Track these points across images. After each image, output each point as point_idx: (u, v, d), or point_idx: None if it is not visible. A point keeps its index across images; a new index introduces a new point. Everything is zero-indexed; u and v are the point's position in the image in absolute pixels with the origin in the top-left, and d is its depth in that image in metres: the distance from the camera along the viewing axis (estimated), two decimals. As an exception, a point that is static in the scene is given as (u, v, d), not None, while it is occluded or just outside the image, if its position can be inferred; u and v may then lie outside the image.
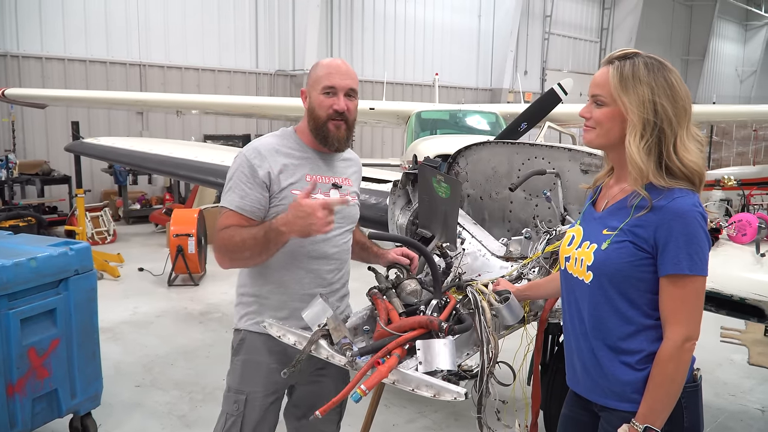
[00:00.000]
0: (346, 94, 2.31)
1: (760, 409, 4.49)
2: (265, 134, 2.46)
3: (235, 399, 2.37)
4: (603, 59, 1.85)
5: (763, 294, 2.41)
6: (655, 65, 1.74)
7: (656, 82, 1.72)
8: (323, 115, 2.29)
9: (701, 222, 1.69)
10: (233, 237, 2.18)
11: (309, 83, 2.36)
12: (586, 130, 1.86)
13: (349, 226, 2.46)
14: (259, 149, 2.30)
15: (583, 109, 1.84)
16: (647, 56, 1.77)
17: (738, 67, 34.95)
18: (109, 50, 12.46)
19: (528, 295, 2.40)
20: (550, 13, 22.26)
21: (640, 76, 1.72)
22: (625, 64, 1.75)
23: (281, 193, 2.26)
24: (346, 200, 2.21)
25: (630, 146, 1.72)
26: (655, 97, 1.71)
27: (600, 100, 1.79)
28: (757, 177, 10.58)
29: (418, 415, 4.24)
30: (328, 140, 2.32)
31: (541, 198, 3.10)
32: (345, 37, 16.57)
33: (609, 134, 1.79)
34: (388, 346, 1.99)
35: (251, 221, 2.24)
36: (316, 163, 2.36)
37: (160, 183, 12.87)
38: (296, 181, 2.28)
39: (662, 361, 1.72)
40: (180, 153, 4.72)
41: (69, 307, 3.58)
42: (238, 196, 2.24)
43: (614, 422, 1.82)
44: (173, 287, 7.48)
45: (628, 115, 1.73)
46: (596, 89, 1.81)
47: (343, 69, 2.32)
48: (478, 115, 8.92)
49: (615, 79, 1.75)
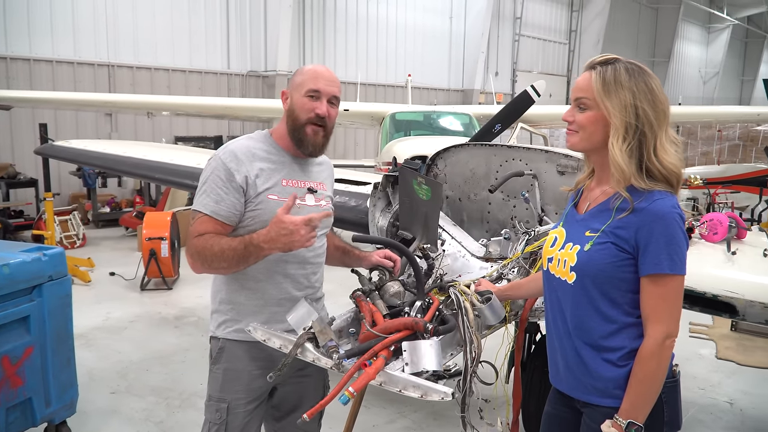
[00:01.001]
0: (329, 101, 2.31)
1: (729, 401, 4.62)
2: (240, 137, 2.43)
3: (217, 408, 2.35)
4: (585, 64, 1.89)
5: (734, 291, 2.48)
6: (635, 71, 1.79)
7: (637, 87, 1.77)
8: (303, 118, 2.28)
9: (680, 223, 1.75)
10: (211, 246, 2.14)
11: (292, 86, 2.35)
12: (570, 133, 1.89)
13: (324, 229, 2.47)
14: (236, 153, 2.27)
15: (567, 113, 1.88)
16: (628, 62, 1.81)
17: (701, 68, 35.78)
18: (77, 50, 12.22)
19: (509, 295, 2.43)
20: (520, 15, 22.53)
21: (622, 81, 1.77)
22: (607, 70, 1.79)
23: (257, 198, 2.24)
24: (329, 214, 2.21)
25: (613, 149, 1.76)
26: (637, 102, 1.76)
27: (583, 104, 1.83)
28: (721, 176, 10.85)
29: (398, 416, 4.26)
30: (303, 143, 2.31)
31: (519, 199, 3.14)
32: (318, 38, 16.52)
33: (592, 138, 1.83)
34: (375, 348, 2.00)
35: (226, 226, 2.21)
36: (291, 167, 2.35)
37: (130, 186, 12.68)
38: (272, 186, 2.27)
39: (644, 358, 1.76)
40: (153, 155, 4.65)
41: (43, 313, 3.51)
42: (213, 201, 2.21)
43: (597, 418, 1.86)
44: (146, 292, 7.38)
45: (611, 119, 1.77)
46: (579, 93, 1.84)
47: (328, 76, 2.32)
48: (452, 116, 8.98)
49: (598, 84, 1.79)
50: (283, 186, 2.29)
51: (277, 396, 2.52)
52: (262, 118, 12.70)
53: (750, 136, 13.57)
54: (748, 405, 4.57)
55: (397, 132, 8.56)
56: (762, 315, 2.43)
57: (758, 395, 4.73)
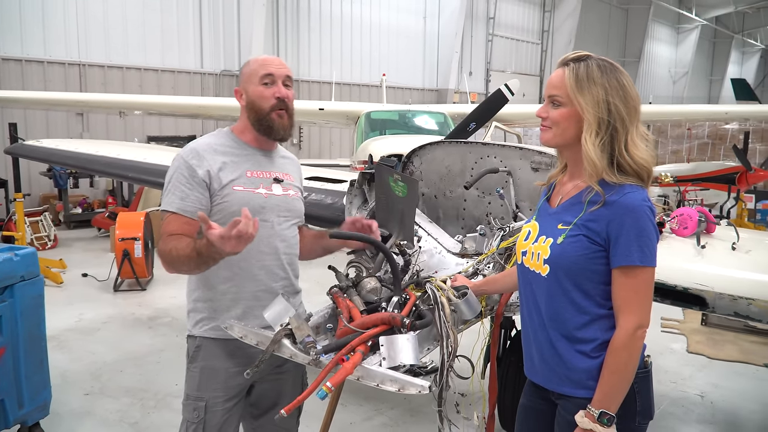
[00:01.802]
0: (284, 83, 2.33)
1: (699, 394, 4.72)
2: (202, 135, 2.46)
3: (195, 406, 2.35)
4: (558, 61, 1.92)
5: (704, 284, 2.54)
6: (607, 67, 1.83)
7: (609, 84, 1.80)
8: (266, 106, 2.30)
9: (650, 216, 1.79)
10: (175, 249, 2.12)
11: (243, 80, 2.37)
12: (543, 129, 1.92)
13: (295, 219, 2.46)
14: (197, 149, 2.30)
15: (540, 110, 1.90)
16: (599, 58, 1.85)
17: (671, 68, 36.39)
18: (47, 49, 12.01)
19: (485, 290, 2.46)
20: (493, 16, 22.67)
21: (594, 78, 1.80)
22: (579, 66, 1.83)
23: (223, 191, 2.26)
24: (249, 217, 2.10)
25: (586, 143, 1.79)
26: (609, 97, 1.79)
27: (557, 101, 1.86)
28: (691, 174, 11.05)
29: (375, 413, 4.28)
30: (273, 130, 2.33)
31: (494, 196, 3.18)
32: (291, 38, 16.45)
33: (565, 133, 1.86)
34: (352, 343, 2.01)
35: (194, 222, 2.20)
36: (255, 159, 2.37)
37: (102, 186, 12.51)
38: (237, 177, 2.28)
39: (616, 348, 1.80)
40: (127, 155, 4.60)
41: (15, 314, 3.47)
42: (179, 198, 2.23)
43: (571, 409, 1.89)
44: (119, 292, 7.30)
45: (584, 115, 1.80)
46: (553, 90, 1.87)
47: (276, 60, 2.37)
48: (427, 115, 9.02)
49: (571, 81, 1.82)
50: (248, 177, 2.31)
51: (254, 394, 2.51)
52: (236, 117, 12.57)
53: (719, 135, 13.85)
54: (718, 398, 4.67)
55: (373, 131, 8.57)
56: (731, 307, 2.49)
57: (728, 388, 4.84)
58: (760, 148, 12.97)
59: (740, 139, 12.03)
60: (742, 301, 2.45)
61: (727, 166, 10.99)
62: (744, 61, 44.37)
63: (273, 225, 2.34)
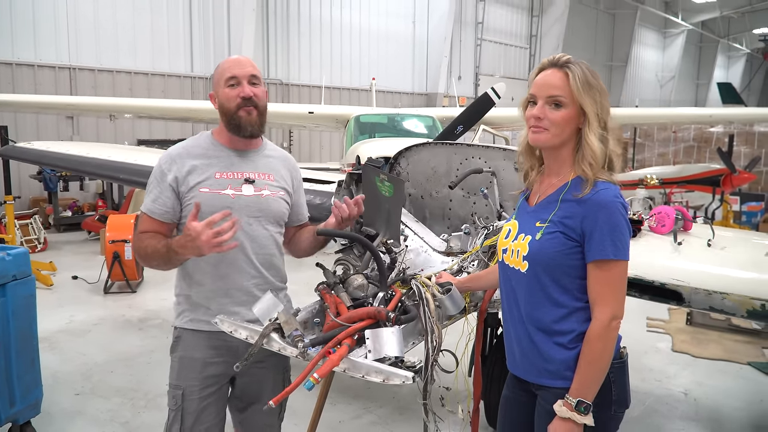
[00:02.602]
0: (250, 82, 2.42)
1: (684, 392, 4.81)
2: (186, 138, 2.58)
3: (174, 394, 2.46)
4: (545, 61, 1.99)
5: (680, 279, 2.63)
6: (592, 71, 1.95)
7: (600, 87, 1.93)
8: (233, 106, 2.40)
9: (622, 211, 1.87)
10: (145, 247, 2.33)
11: (214, 85, 2.49)
12: (538, 131, 1.96)
13: (269, 219, 2.50)
14: (171, 153, 2.44)
15: (537, 110, 1.95)
16: (581, 62, 1.95)
17: (658, 72, 36.70)
18: (37, 53, 12.02)
19: (469, 287, 2.53)
20: (481, 20, 22.84)
21: (590, 81, 1.92)
22: (578, 70, 1.92)
23: (189, 193, 2.37)
24: (227, 213, 2.20)
25: (589, 138, 1.90)
26: (602, 99, 1.93)
27: (559, 101, 1.92)
28: (676, 176, 11.19)
29: (363, 411, 4.34)
30: (241, 127, 2.42)
31: (479, 196, 3.26)
32: (281, 42, 16.51)
33: (563, 134, 1.94)
34: (338, 336, 2.07)
35: (163, 224, 2.38)
36: (229, 160, 2.45)
37: (92, 189, 12.50)
38: (204, 180, 2.38)
39: (591, 339, 1.88)
40: (118, 156, 4.65)
41: (7, 313, 3.51)
42: (151, 200, 2.40)
43: (550, 399, 1.97)
44: (110, 295, 7.32)
45: (586, 113, 1.90)
46: (555, 91, 1.92)
47: (242, 60, 2.46)
48: (416, 118, 9.10)
49: (576, 83, 1.90)
50: (216, 178, 2.40)
51: (237, 387, 2.59)
52: (226, 121, 12.62)
53: (704, 138, 14.02)
54: (701, 395, 4.76)
55: (362, 134, 8.63)
56: (706, 301, 2.58)
57: (711, 386, 4.94)
58: (744, 151, 13.13)
59: (725, 142, 12.19)
60: (716, 295, 2.53)
61: (712, 168, 11.13)
62: (730, 65, 44.82)
63: (242, 225, 2.40)
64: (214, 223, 2.12)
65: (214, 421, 2.51)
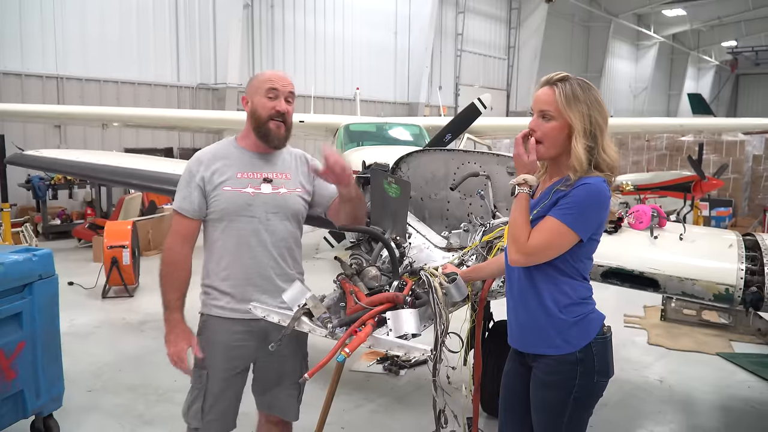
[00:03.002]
0: (286, 99, 2.69)
1: (659, 380, 5.18)
2: None
3: (199, 374, 2.71)
4: (541, 81, 2.30)
5: (656, 268, 2.98)
6: (586, 86, 2.24)
7: (589, 100, 2.21)
8: (265, 115, 2.65)
9: (598, 197, 2.16)
10: (166, 275, 2.68)
11: (250, 90, 2.73)
12: (536, 144, 2.26)
13: (287, 215, 2.76)
14: (199, 156, 2.73)
15: (532, 123, 2.27)
16: (578, 79, 2.26)
17: (631, 83, 37.60)
18: (24, 62, 12.14)
19: (471, 277, 2.83)
20: (461, 32, 23.36)
21: (578, 96, 2.20)
22: (566, 86, 2.21)
23: (215, 191, 2.64)
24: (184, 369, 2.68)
25: (577, 147, 2.18)
26: (590, 111, 2.20)
27: (548, 115, 2.23)
28: (650, 182, 11.72)
29: (365, 401, 4.61)
30: (269, 138, 2.68)
31: (474, 197, 3.58)
32: (267, 52, 16.78)
33: (555, 144, 2.24)
34: (363, 318, 2.38)
35: (192, 221, 2.68)
36: (250, 161, 2.71)
37: (80, 198, 12.60)
38: (227, 179, 2.66)
39: (519, 231, 2.22)
40: (129, 163, 4.88)
41: (34, 310, 3.70)
42: (180, 198, 2.68)
43: (543, 368, 2.31)
44: (107, 299, 7.48)
45: (573, 125, 2.19)
46: (544, 106, 2.24)
47: (284, 76, 2.73)
48: (403, 127, 9.42)
49: (561, 99, 2.20)
50: (238, 178, 2.67)
51: (257, 372, 2.86)
52: (212, 130, 12.87)
53: (676, 146, 14.56)
54: (675, 382, 5.13)
55: (351, 142, 8.91)
56: (678, 287, 2.93)
57: (684, 374, 5.32)
58: (713, 159, 13.71)
59: (695, 150, 12.72)
60: (687, 281, 2.89)
61: (683, 175, 11.65)
62: (700, 76, 46.04)
63: (261, 220, 2.68)
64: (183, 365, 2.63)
65: (232, 403, 2.77)
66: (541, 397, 2.33)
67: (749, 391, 5.00)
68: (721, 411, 4.72)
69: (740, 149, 13.87)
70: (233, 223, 2.66)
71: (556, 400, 2.28)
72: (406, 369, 5.13)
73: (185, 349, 2.62)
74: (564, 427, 2.29)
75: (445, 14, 22.60)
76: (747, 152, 14.01)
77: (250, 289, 2.68)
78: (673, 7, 33.27)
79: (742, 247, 3.14)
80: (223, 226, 2.67)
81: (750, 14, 34.45)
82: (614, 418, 4.40)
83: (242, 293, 2.67)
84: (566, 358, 2.25)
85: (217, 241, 2.70)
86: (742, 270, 2.95)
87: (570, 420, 2.29)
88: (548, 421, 2.32)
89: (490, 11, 25.18)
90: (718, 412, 4.71)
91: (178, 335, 2.63)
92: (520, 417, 2.47)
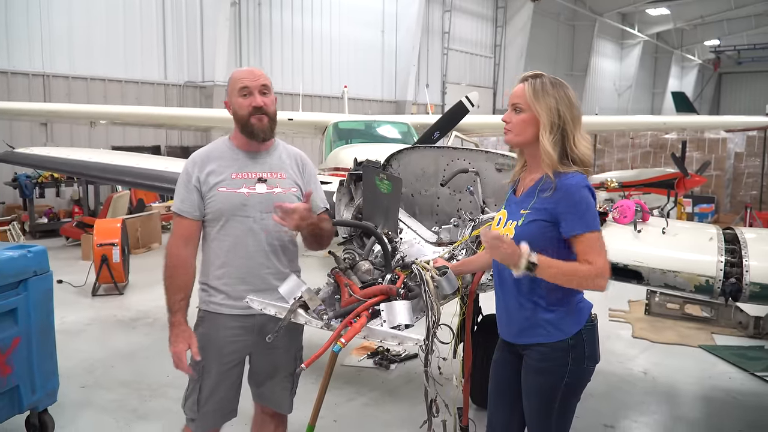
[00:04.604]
0: (261, 92, 2.74)
1: (643, 371, 5.31)
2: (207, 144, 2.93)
3: (195, 368, 2.77)
4: (518, 78, 2.43)
5: (640, 261, 3.08)
6: (557, 83, 2.35)
7: (558, 95, 2.32)
8: (245, 114, 2.72)
9: (585, 194, 2.27)
10: (169, 276, 2.71)
11: (229, 93, 2.80)
12: (506, 132, 2.43)
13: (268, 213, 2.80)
14: (195, 158, 2.80)
15: (505, 115, 2.42)
16: (551, 77, 2.37)
17: (616, 81, 37.92)
18: (10, 60, 12.07)
19: (461, 270, 2.91)
20: (448, 30, 23.47)
21: (548, 90, 2.32)
22: (536, 81, 2.35)
23: (210, 192, 2.71)
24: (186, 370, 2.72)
25: (543, 140, 2.30)
26: (559, 106, 2.31)
27: (518, 107, 2.37)
28: (634, 180, 11.90)
29: (356, 395, 4.69)
30: (254, 133, 2.74)
31: (464, 193, 3.67)
32: (254, 50, 16.78)
33: (524, 134, 2.37)
34: (358, 309, 2.46)
35: (192, 221, 2.73)
36: (244, 162, 2.78)
37: (67, 196, 12.56)
38: (222, 180, 2.72)
39: (581, 269, 2.22)
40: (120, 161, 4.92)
41: (29, 306, 3.74)
42: (179, 200, 2.75)
43: (534, 356, 2.40)
44: (97, 297, 7.50)
45: (540, 118, 2.31)
46: (515, 99, 2.38)
47: (254, 71, 2.78)
48: (391, 125, 9.50)
49: (530, 92, 2.33)
50: (233, 179, 2.74)
51: (253, 365, 2.92)
52: (200, 127, 12.88)
53: (659, 144, 14.78)
54: (658, 374, 5.26)
55: (340, 140, 8.98)
56: (661, 279, 3.03)
57: (666, 365, 5.45)
58: (696, 156, 13.93)
59: (679, 147, 12.93)
60: (669, 273, 2.99)
61: (666, 172, 11.84)
62: (683, 75, 46.54)
63: (255, 219, 2.74)
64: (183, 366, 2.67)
65: (229, 393, 2.84)
66: (533, 383, 2.42)
67: (730, 382, 5.14)
68: (702, 401, 4.85)
69: (722, 147, 14.11)
70: (229, 223, 2.72)
71: (548, 386, 2.38)
72: (396, 363, 5.22)
73: (184, 350, 2.67)
74: (555, 411, 2.39)
75: (432, 13, 22.70)
76: (729, 150, 14.26)
77: (244, 287, 2.73)
78: (657, 6, 33.62)
79: (722, 240, 3.25)
80: (219, 226, 2.73)
81: (732, 13, 34.93)
82: (600, 408, 4.51)
83: (237, 292, 2.73)
84: (558, 345, 2.35)
85: (213, 240, 2.77)
86: (721, 262, 3.06)
87: (560, 405, 2.38)
88: (540, 406, 2.42)
89: (476, 10, 25.33)
90: (700, 402, 4.84)
91: (178, 336, 2.68)
92: (510, 404, 2.56)
